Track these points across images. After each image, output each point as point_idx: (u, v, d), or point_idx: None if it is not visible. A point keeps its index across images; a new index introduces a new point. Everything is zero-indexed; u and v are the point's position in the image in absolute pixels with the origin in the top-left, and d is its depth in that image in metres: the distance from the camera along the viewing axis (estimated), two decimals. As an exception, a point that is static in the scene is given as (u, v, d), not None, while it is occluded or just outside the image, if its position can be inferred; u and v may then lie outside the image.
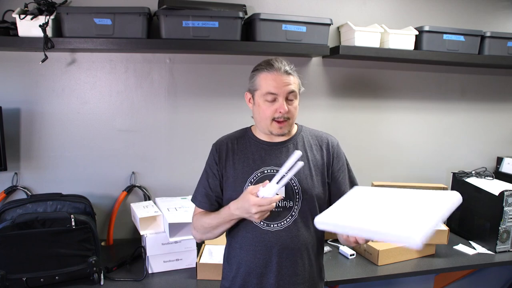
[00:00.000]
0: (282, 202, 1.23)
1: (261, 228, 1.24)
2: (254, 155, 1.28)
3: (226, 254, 1.35)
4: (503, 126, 2.57)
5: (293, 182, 1.24)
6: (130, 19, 1.74)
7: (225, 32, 1.81)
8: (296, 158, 1.11)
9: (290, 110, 1.22)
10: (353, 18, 2.15)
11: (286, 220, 1.24)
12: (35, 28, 1.67)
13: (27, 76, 1.88)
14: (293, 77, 1.23)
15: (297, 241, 1.24)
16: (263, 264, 1.24)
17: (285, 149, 1.28)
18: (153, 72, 2.02)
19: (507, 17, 2.44)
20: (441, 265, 1.84)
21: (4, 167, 1.83)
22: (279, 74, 1.20)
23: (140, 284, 1.60)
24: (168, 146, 2.08)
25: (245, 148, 1.30)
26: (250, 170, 1.26)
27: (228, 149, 1.31)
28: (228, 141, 1.33)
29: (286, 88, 1.20)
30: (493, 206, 1.96)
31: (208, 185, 1.32)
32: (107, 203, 2.04)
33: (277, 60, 1.23)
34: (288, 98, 1.22)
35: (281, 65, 1.22)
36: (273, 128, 1.23)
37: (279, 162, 1.25)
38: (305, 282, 1.27)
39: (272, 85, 1.20)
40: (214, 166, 1.32)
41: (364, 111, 2.31)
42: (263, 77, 1.22)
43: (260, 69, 1.24)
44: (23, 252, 1.49)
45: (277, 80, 1.20)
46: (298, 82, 1.26)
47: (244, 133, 1.35)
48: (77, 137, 1.97)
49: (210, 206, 1.32)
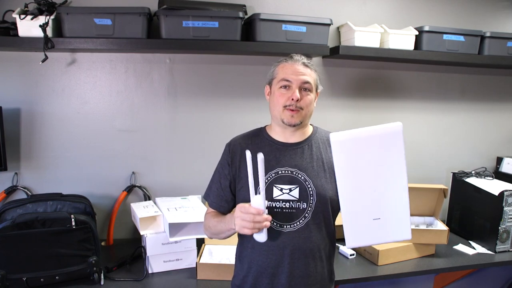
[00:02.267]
0: (295, 204, 1.23)
1: (274, 229, 1.23)
2: (268, 155, 1.27)
3: (238, 253, 1.35)
4: (503, 126, 2.57)
5: (308, 184, 1.24)
6: (130, 19, 1.74)
7: (225, 32, 1.81)
8: (260, 163, 1.05)
9: (304, 101, 1.23)
10: (353, 18, 2.15)
11: (299, 222, 1.24)
12: (35, 28, 1.67)
13: (27, 76, 1.88)
14: (310, 70, 1.26)
15: (309, 243, 1.24)
16: (275, 264, 1.24)
17: (300, 150, 1.28)
18: (153, 72, 2.02)
19: (507, 17, 2.44)
20: (441, 265, 1.84)
21: (4, 167, 1.83)
22: (296, 64, 1.25)
23: (140, 284, 1.60)
24: (168, 146, 2.08)
25: (260, 148, 1.29)
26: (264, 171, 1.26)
27: (242, 149, 1.29)
28: (242, 141, 1.33)
29: (301, 78, 1.23)
30: (493, 206, 1.96)
31: (220, 186, 1.32)
32: (107, 203, 2.04)
33: (297, 54, 1.28)
34: (302, 88, 1.23)
35: (300, 58, 1.27)
36: (284, 116, 1.24)
37: (293, 163, 1.26)
38: (316, 284, 1.27)
39: (288, 72, 1.24)
40: (226, 167, 1.31)
41: (364, 111, 2.31)
42: (281, 67, 1.27)
43: (280, 61, 1.29)
44: (23, 252, 1.49)
45: (293, 68, 1.24)
46: (316, 77, 1.27)
47: (258, 133, 1.35)
48: (77, 137, 1.98)
49: (220, 207, 1.33)
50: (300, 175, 1.24)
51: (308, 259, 1.25)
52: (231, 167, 1.30)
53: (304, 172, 1.25)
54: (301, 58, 1.27)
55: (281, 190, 1.24)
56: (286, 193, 1.24)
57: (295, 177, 1.24)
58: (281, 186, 1.24)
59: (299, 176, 1.24)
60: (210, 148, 2.07)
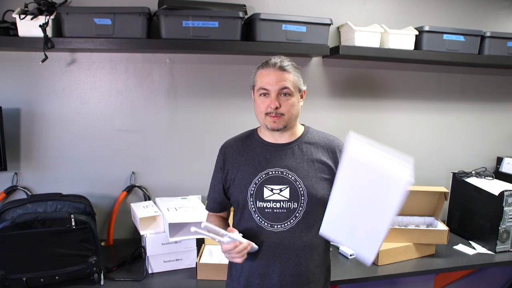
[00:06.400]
0: (286, 204, 1.24)
1: (265, 229, 1.24)
2: (259, 156, 1.29)
3: None
4: (503, 126, 2.57)
5: (298, 184, 1.25)
6: (130, 19, 1.74)
7: (225, 32, 1.81)
8: (205, 231, 1.14)
9: (285, 106, 1.22)
10: (353, 18, 2.15)
11: (290, 221, 1.24)
12: (35, 28, 1.67)
13: (27, 76, 1.88)
14: (288, 74, 1.23)
15: (300, 242, 1.24)
16: (266, 264, 1.25)
17: (290, 151, 1.29)
18: (153, 72, 2.02)
19: (507, 17, 2.44)
20: (441, 265, 1.84)
21: (4, 167, 1.83)
22: (272, 70, 1.22)
23: (140, 284, 1.60)
24: (168, 146, 2.08)
25: (251, 149, 1.31)
26: (255, 172, 1.26)
27: (233, 151, 1.32)
28: (234, 144, 1.34)
29: (278, 84, 1.22)
30: (493, 206, 1.96)
31: (214, 189, 1.37)
32: (107, 203, 2.04)
33: (275, 58, 1.25)
34: (282, 94, 1.22)
35: (277, 61, 1.23)
36: (267, 122, 1.25)
37: (283, 164, 1.26)
38: (309, 283, 1.27)
39: (265, 81, 1.23)
40: (219, 171, 1.35)
41: (364, 111, 2.31)
42: (259, 74, 1.26)
43: (259, 67, 1.28)
44: (23, 252, 1.49)
45: (269, 76, 1.22)
46: (296, 79, 1.25)
47: (250, 134, 1.36)
48: (77, 137, 1.97)
49: (214, 209, 1.40)
50: (290, 175, 1.25)
51: (299, 258, 1.25)
52: (223, 171, 1.33)
53: (295, 172, 1.25)
54: (279, 61, 1.23)
55: (272, 190, 1.25)
56: (277, 193, 1.25)
57: (285, 177, 1.25)
58: (271, 186, 1.25)
59: (289, 176, 1.25)
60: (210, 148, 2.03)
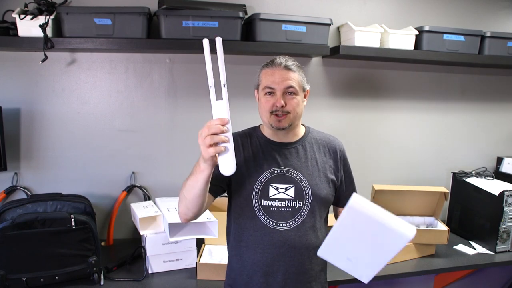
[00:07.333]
0: (291, 203, 1.25)
1: (270, 228, 1.24)
2: (264, 154, 1.29)
3: (230, 252, 1.35)
4: (503, 126, 2.57)
5: (303, 183, 1.26)
6: (130, 19, 1.74)
7: (225, 32, 1.81)
8: (219, 45, 1.08)
9: (290, 104, 1.23)
10: (353, 18, 2.15)
11: (295, 220, 1.25)
12: (35, 28, 1.67)
13: (27, 76, 1.88)
14: (293, 73, 1.24)
15: (305, 241, 1.25)
16: (270, 262, 1.25)
17: (294, 150, 1.30)
18: (153, 72, 2.02)
19: (507, 17, 2.44)
20: (441, 265, 1.84)
21: (4, 167, 1.83)
22: (278, 69, 1.24)
23: (140, 284, 1.60)
24: (168, 146, 2.08)
25: (255, 146, 1.31)
26: (260, 170, 1.27)
27: (239, 145, 1.31)
28: (238, 138, 1.34)
29: (284, 83, 1.22)
30: (493, 206, 1.96)
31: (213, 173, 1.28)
32: (107, 203, 2.03)
33: (279, 57, 1.26)
34: (287, 93, 1.23)
35: (282, 61, 1.24)
36: (272, 121, 1.25)
37: (288, 163, 1.28)
38: (312, 281, 1.29)
39: (270, 79, 1.23)
40: None
41: (364, 111, 2.31)
42: (264, 73, 1.27)
43: (263, 66, 1.28)
44: (23, 252, 1.49)
45: (275, 74, 1.23)
46: (300, 79, 1.26)
47: (253, 132, 1.36)
48: (77, 137, 1.97)
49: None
50: (295, 174, 1.27)
51: (303, 256, 1.26)
52: None
53: (299, 172, 1.27)
54: (284, 60, 1.24)
55: (277, 189, 1.25)
56: (282, 192, 1.25)
57: (291, 176, 1.26)
58: (276, 185, 1.25)
59: (294, 175, 1.26)
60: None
